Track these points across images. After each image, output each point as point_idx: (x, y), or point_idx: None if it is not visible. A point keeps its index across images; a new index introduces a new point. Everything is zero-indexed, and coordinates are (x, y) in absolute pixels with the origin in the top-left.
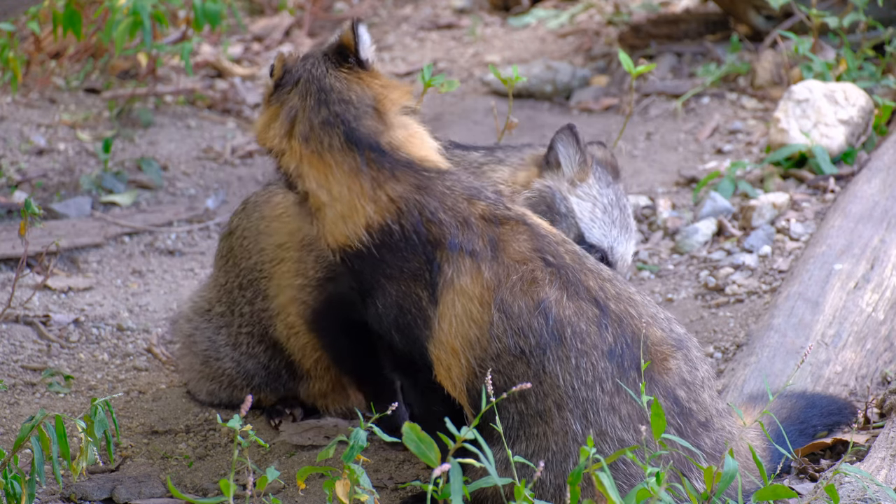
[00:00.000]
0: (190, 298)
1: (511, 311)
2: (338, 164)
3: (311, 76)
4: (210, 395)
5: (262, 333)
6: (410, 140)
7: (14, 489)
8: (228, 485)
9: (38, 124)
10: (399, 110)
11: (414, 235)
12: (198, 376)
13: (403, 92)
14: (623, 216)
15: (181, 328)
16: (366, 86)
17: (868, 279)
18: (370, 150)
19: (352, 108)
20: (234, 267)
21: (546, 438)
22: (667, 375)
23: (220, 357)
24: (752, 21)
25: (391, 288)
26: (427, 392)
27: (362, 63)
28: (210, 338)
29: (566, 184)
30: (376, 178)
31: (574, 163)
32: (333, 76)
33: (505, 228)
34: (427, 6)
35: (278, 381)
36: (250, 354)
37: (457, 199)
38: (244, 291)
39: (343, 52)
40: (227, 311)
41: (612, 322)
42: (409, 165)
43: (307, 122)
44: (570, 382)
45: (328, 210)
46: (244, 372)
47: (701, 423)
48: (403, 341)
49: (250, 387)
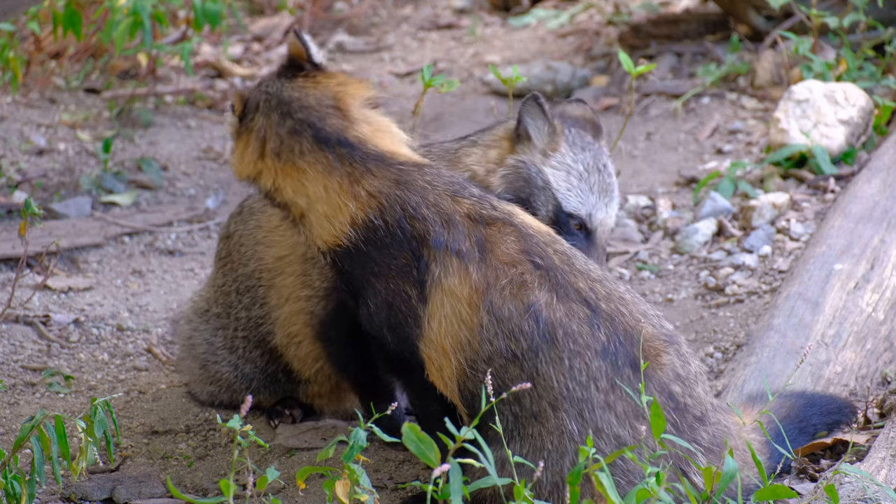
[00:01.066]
0: (191, 298)
1: (501, 314)
2: (311, 166)
3: (268, 95)
4: (211, 397)
5: (259, 339)
6: (377, 133)
7: (14, 489)
8: (228, 485)
9: (39, 124)
10: (360, 104)
11: (398, 231)
12: (197, 379)
13: (361, 86)
14: (602, 179)
15: (181, 329)
16: (323, 87)
17: (868, 279)
18: (339, 145)
19: (314, 112)
20: (232, 272)
21: (542, 438)
22: (661, 371)
23: (218, 361)
24: (752, 21)
25: (380, 286)
26: (422, 392)
27: (318, 66)
28: (208, 340)
29: (539, 155)
30: (351, 173)
31: (543, 133)
32: (290, 87)
33: (492, 229)
34: (427, 6)
35: (276, 384)
36: (247, 359)
37: (439, 196)
38: (241, 297)
39: (295, 64)
40: (224, 313)
41: (603, 321)
42: (380, 159)
43: (276, 137)
44: (564, 383)
45: (311, 214)
46: (242, 375)
47: (697, 418)
48: (395, 340)
49: (249, 389)
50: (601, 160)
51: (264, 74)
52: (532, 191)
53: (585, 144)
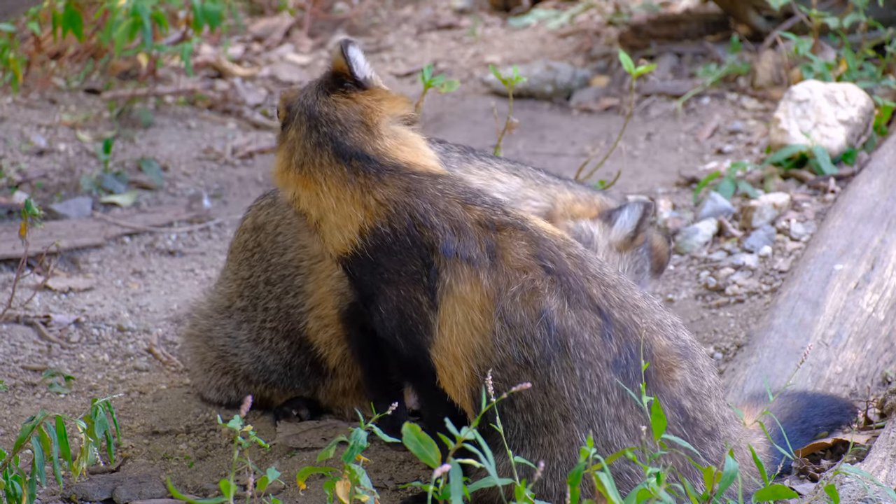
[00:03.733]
0: (208, 298)
1: (513, 320)
2: (327, 179)
3: (303, 107)
4: (219, 393)
5: (289, 330)
6: (399, 147)
7: (15, 489)
8: (229, 485)
9: (39, 125)
10: (391, 121)
11: (407, 238)
12: (210, 369)
13: (397, 103)
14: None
15: (197, 323)
16: (354, 103)
17: (868, 279)
18: (355, 158)
19: (338, 126)
20: (262, 262)
21: (552, 448)
22: (672, 386)
23: (239, 353)
24: (753, 21)
25: (391, 293)
26: (432, 398)
27: (360, 84)
28: (229, 334)
29: (606, 241)
30: (364, 184)
31: (625, 234)
32: (322, 102)
33: (503, 234)
34: (427, 6)
35: (300, 377)
36: (273, 350)
37: (450, 203)
38: (272, 287)
39: (337, 78)
40: (250, 305)
41: (615, 332)
42: (395, 169)
43: (301, 150)
44: (576, 394)
45: (324, 224)
46: (263, 367)
47: (706, 433)
48: (408, 347)
49: (266, 383)
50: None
51: (310, 81)
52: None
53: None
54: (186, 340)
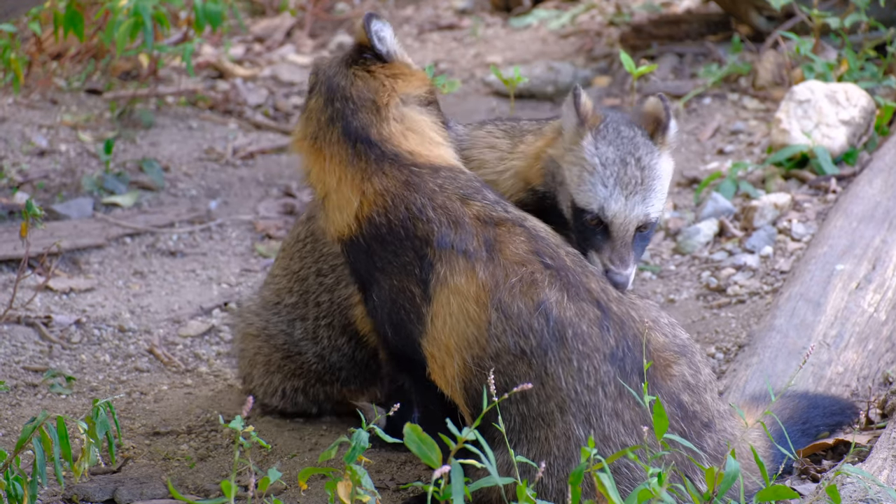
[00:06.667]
0: (259, 293)
1: (510, 311)
2: (333, 156)
3: (325, 78)
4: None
5: (345, 324)
6: (405, 133)
7: (16, 490)
8: (230, 486)
9: (40, 125)
10: (403, 101)
11: (401, 230)
12: (275, 371)
13: (412, 81)
14: (625, 171)
15: (250, 321)
16: (371, 78)
17: (870, 279)
18: (360, 141)
19: (350, 104)
20: (313, 252)
21: (548, 442)
22: (670, 381)
23: (302, 352)
24: (754, 21)
25: (384, 282)
26: (423, 390)
27: (381, 57)
28: (285, 331)
29: (562, 150)
30: (364, 169)
31: (572, 126)
32: (342, 75)
33: (501, 230)
34: (428, 7)
35: (367, 371)
36: (334, 347)
37: (448, 198)
38: (323, 278)
39: (361, 50)
40: (301, 301)
41: (613, 324)
42: (396, 158)
43: (316, 122)
44: (573, 385)
45: (327, 202)
46: (330, 366)
47: (704, 425)
48: (396, 337)
49: (339, 381)
50: (632, 153)
51: (343, 50)
52: (555, 186)
53: (614, 138)
54: (242, 341)
